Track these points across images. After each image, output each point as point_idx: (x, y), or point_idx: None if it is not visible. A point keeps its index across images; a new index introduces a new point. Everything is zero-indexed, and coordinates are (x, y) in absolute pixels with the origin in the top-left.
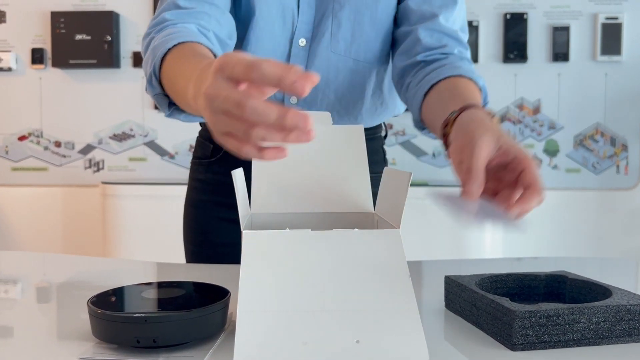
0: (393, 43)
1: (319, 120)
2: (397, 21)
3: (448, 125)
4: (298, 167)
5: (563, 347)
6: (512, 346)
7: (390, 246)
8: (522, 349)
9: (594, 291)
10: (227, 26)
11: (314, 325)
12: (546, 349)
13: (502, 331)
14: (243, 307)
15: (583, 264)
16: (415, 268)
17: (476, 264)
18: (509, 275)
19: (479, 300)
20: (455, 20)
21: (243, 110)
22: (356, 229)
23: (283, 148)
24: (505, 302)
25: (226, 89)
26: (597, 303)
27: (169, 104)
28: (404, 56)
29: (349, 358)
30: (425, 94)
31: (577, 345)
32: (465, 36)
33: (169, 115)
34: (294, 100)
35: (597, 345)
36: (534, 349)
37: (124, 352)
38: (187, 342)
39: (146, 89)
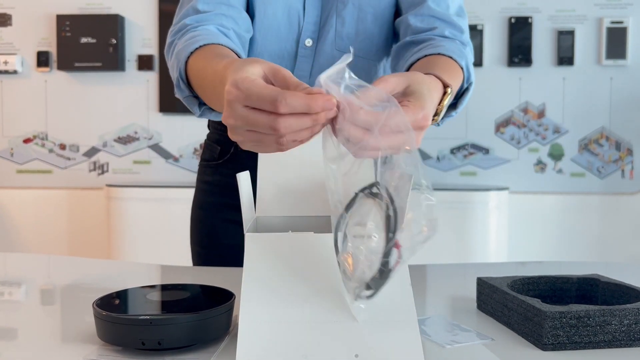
0: (394, 37)
1: None
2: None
3: None
4: (303, 170)
5: (594, 348)
6: (543, 346)
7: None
8: (553, 349)
9: (626, 294)
10: (244, 23)
11: (314, 338)
12: (577, 349)
13: (533, 331)
14: (245, 312)
15: (613, 268)
16: (445, 270)
17: (480, 267)
18: (540, 277)
19: (511, 301)
20: (448, 5)
21: (278, 134)
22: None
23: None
24: (536, 302)
25: (250, 116)
26: (628, 305)
27: (199, 104)
28: (397, 43)
29: None
30: (409, 67)
31: (608, 347)
32: (461, 19)
33: (200, 116)
34: None
35: (629, 347)
36: (565, 349)
37: (129, 355)
38: (192, 345)
39: (176, 93)
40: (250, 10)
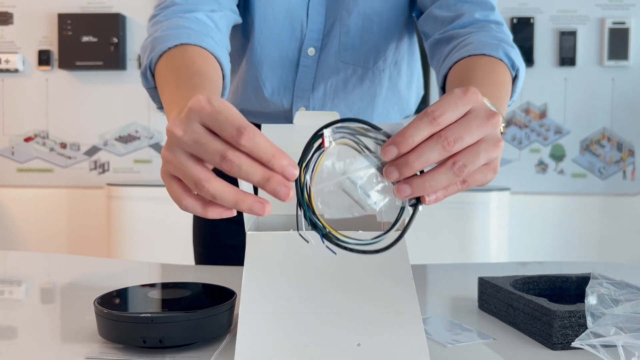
0: (421, 35)
1: (326, 120)
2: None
3: None
4: None
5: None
6: (552, 345)
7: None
8: (562, 349)
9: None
10: (234, 5)
11: (315, 327)
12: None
13: (541, 331)
14: (245, 308)
15: (613, 269)
16: (446, 270)
17: (480, 267)
18: (540, 277)
19: (516, 301)
20: None
21: (224, 162)
22: (360, 231)
23: (232, 210)
24: (544, 302)
25: (200, 133)
26: None
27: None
28: (428, 38)
29: None
30: (445, 77)
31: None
32: None
33: (160, 109)
34: (302, 111)
35: None
36: (574, 348)
37: (130, 352)
38: (194, 343)
39: (141, 80)
40: (250, 14)
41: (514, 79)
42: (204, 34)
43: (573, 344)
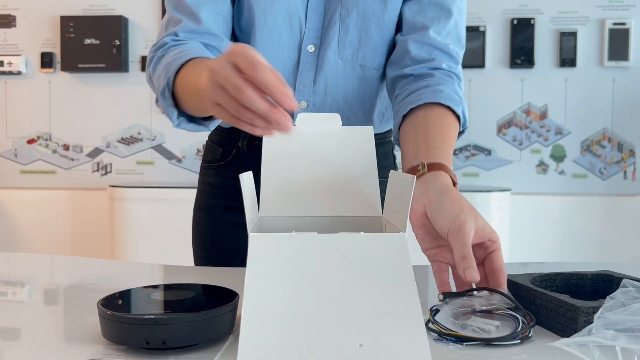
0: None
1: (328, 122)
2: None
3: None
4: (307, 170)
5: None
6: None
7: (396, 250)
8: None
9: None
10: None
11: (318, 328)
12: None
13: (565, 326)
14: (247, 309)
15: (617, 269)
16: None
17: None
18: (557, 274)
19: (539, 298)
20: (449, 33)
21: (240, 94)
22: (362, 232)
23: (272, 132)
24: (568, 298)
25: (230, 70)
26: None
27: (177, 114)
28: (394, 66)
29: None
30: (405, 116)
31: None
32: (458, 49)
33: (177, 126)
34: (303, 105)
35: None
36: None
37: (133, 354)
38: (197, 344)
39: (157, 102)
40: (249, 20)
41: (459, 133)
42: (205, 51)
43: (580, 342)
